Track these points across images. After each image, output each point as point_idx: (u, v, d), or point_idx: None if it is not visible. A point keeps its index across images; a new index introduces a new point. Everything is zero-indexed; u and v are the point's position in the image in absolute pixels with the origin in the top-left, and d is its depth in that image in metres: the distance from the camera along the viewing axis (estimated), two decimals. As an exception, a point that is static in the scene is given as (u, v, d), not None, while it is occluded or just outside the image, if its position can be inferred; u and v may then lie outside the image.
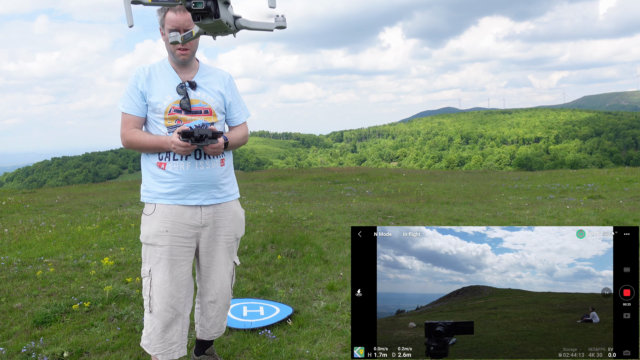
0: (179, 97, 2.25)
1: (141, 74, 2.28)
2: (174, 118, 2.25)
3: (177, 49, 2.22)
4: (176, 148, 2.13)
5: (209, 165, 2.28)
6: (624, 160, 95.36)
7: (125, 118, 2.28)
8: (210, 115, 2.32)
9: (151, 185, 2.30)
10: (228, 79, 2.43)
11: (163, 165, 2.25)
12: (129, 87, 2.28)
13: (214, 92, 2.34)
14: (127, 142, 2.29)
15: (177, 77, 2.29)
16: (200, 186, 2.27)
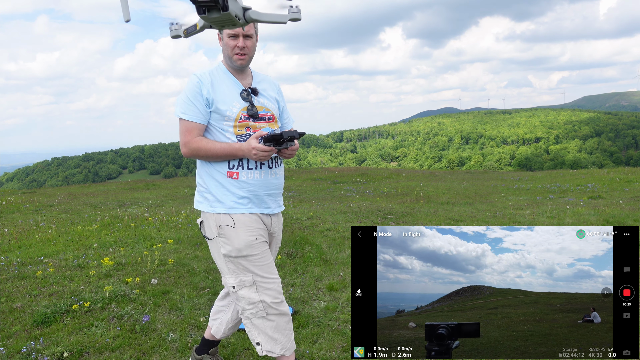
0: (245, 103, 2.21)
1: (204, 79, 2.20)
2: (244, 126, 2.20)
3: (234, 54, 2.19)
4: (258, 154, 2.08)
5: (278, 174, 2.28)
6: (624, 161, 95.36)
7: (188, 126, 2.18)
8: (273, 122, 2.30)
9: (222, 195, 2.21)
10: (278, 86, 2.44)
11: (235, 174, 2.19)
12: (191, 93, 2.18)
13: (272, 99, 2.33)
14: (192, 151, 2.19)
15: (238, 83, 2.25)
16: (272, 194, 2.26)
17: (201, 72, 2.25)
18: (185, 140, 2.20)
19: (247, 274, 2.18)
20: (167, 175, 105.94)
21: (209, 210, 2.24)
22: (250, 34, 2.19)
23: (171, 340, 3.02)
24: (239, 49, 2.18)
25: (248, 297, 2.18)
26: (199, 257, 5.04)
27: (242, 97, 2.22)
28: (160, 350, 2.91)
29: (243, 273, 2.18)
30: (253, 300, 2.18)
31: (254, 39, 2.23)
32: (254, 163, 2.21)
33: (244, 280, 2.18)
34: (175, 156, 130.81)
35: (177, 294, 3.84)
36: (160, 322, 3.31)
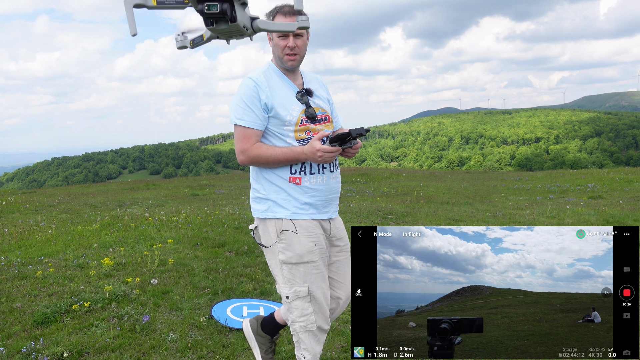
0: (302, 106, 2.14)
1: (261, 83, 2.10)
2: (305, 129, 2.12)
3: (285, 55, 2.11)
4: (323, 155, 2.02)
5: (338, 177, 2.24)
6: (624, 161, 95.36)
7: (245, 132, 2.09)
8: (329, 122, 2.24)
9: (283, 200, 2.14)
10: (324, 83, 2.37)
11: (298, 179, 2.12)
12: (248, 98, 2.08)
13: (325, 98, 2.26)
14: (251, 159, 2.11)
15: (292, 84, 2.18)
16: (332, 199, 2.22)
17: (256, 74, 2.14)
18: (243, 148, 2.10)
19: (303, 284, 2.11)
20: (167, 175, 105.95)
21: (268, 216, 2.16)
22: (300, 33, 2.11)
23: (171, 340, 3.02)
24: (289, 49, 2.10)
25: (301, 308, 2.13)
26: (199, 257, 5.04)
27: (298, 99, 2.14)
28: (160, 350, 2.91)
29: (299, 283, 2.12)
30: (306, 312, 2.13)
31: (304, 37, 2.15)
32: (316, 168, 2.14)
33: (299, 291, 2.12)
34: (175, 156, 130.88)
35: (177, 294, 3.85)
36: (160, 322, 3.31)
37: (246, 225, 6.95)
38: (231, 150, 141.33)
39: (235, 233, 6.35)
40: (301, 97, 2.14)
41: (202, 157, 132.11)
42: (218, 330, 3.19)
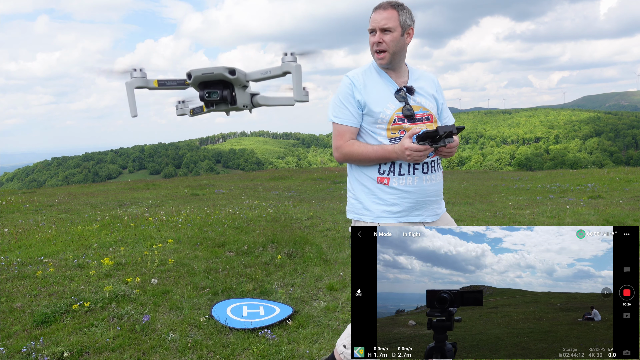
0: (399, 104, 2.06)
1: (357, 81, 2.09)
2: (398, 128, 2.06)
3: (374, 52, 2.06)
4: (411, 154, 1.93)
5: (435, 179, 2.11)
6: (624, 160, 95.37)
7: (340, 129, 2.10)
8: (432, 122, 2.13)
9: (370, 203, 2.10)
10: (437, 82, 2.26)
11: (386, 180, 2.06)
12: (343, 95, 2.09)
13: (430, 97, 2.16)
14: (344, 155, 2.10)
15: (392, 82, 2.11)
16: (426, 202, 2.10)
17: (354, 72, 2.14)
18: (337, 145, 2.12)
19: None
20: (167, 175, 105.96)
21: (356, 219, 2.15)
22: (388, 28, 2.01)
23: (171, 340, 3.02)
24: (376, 46, 2.04)
25: None
26: (199, 257, 5.04)
27: (397, 97, 2.07)
28: (160, 350, 2.91)
29: None
30: None
31: (395, 33, 2.03)
32: (406, 168, 2.06)
33: None
34: (175, 156, 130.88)
35: (177, 294, 3.85)
36: (160, 322, 3.31)
37: (246, 225, 6.95)
38: (231, 150, 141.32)
39: (235, 233, 6.35)
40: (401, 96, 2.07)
41: (202, 157, 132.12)
42: (218, 330, 3.19)
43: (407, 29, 2.07)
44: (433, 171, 2.11)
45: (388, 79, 2.11)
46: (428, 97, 2.15)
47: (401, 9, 2.04)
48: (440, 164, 2.18)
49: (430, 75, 2.25)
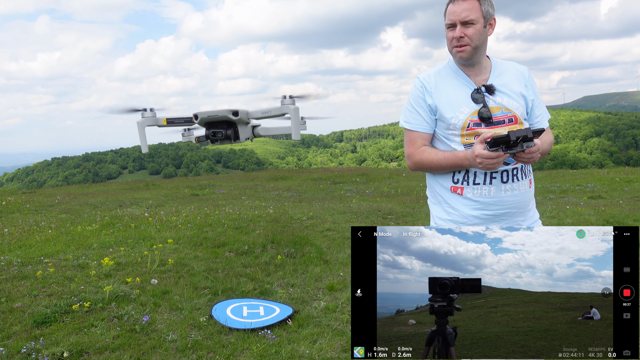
0: (476, 106, 1.87)
1: (428, 83, 1.94)
2: (474, 134, 1.86)
3: (453, 47, 1.86)
4: (483, 162, 1.73)
5: (517, 189, 1.89)
6: (624, 161, 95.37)
7: (412, 136, 1.96)
8: (516, 124, 1.90)
9: (446, 213, 1.98)
10: (527, 75, 1.97)
11: (460, 190, 1.91)
12: (414, 99, 1.95)
13: (516, 95, 1.91)
14: (416, 163, 1.97)
15: (469, 81, 1.91)
16: (506, 214, 1.91)
17: (426, 73, 1.98)
18: (408, 152, 1.98)
19: None
20: (167, 175, 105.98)
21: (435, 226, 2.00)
22: (470, 20, 1.83)
23: (171, 340, 3.02)
24: (456, 41, 1.84)
25: None
26: (199, 257, 5.04)
27: (474, 98, 1.87)
28: (160, 350, 2.91)
29: None
30: None
31: (477, 25, 1.83)
32: (481, 177, 1.88)
33: None
34: (175, 156, 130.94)
35: (177, 294, 3.85)
36: (160, 322, 3.31)
37: (246, 225, 6.95)
38: (231, 150, 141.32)
39: (235, 233, 6.35)
40: (479, 97, 1.87)
41: (202, 157, 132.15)
42: (218, 330, 3.19)
43: (489, 20, 1.88)
44: (515, 180, 1.89)
45: (465, 78, 1.92)
46: (513, 95, 1.90)
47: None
48: (526, 171, 1.95)
49: (518, 68, 1.98)
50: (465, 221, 1.93)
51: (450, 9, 1.86)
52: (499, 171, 1.86)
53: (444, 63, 1.99)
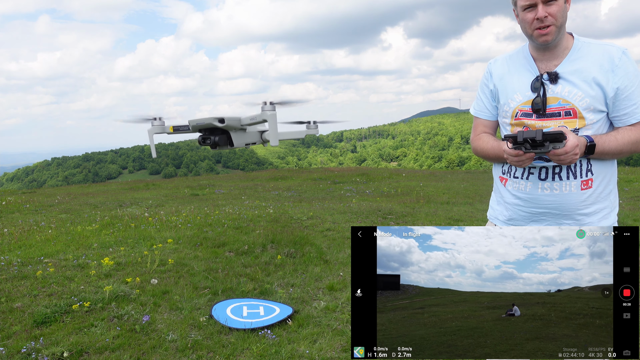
0: (532, 95, 1.74)
1: (494, 68, 1.86)
2: (521, 124, 1.78)
3: (534, 29, 1.68)
4: (508, 158, 1.68)
5: (558, 189, 1.73)
6: (624, 160, 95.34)
7: (475, 122, 1.96)
8: (575, 118, 1.70)
9: (494, 202, 1.97)
10: (618, 58, 1.68)
11: (504, 181, 1.87)
12: (480, 85, 1.92)
13: (587, 83, 1.68)
14: (474, 149, 1.96)
15: (534, 66, 1.77)
16: (545, 214, 1.79)
17: (496, 58, 1.90)
18: (471, 138, 1.98)
19: None
20: (167, 175, 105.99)
21: (487, 217, 2.03)
22: None
23: (171, 340, 3.02)
24: (539, 22, 1.66)
25: None
26: (199, 257, 5.04)
27: (533, 86, 1.74)
28: (160, 350, 2.91)
29: None
30: None
31: (560, 1, 1.66)
32: (520, 171, 1.80)
33: None
34: (175, 156, 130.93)
35: (177, 294, 3.85)
36: (160, 322, 3.31)
37: (246, 225, 6.95)
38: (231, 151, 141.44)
39: (235, 233, 6.35)
40: (537, 83, 1.73)
41: (202, 157, 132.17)
42: (218, 330, 3.19)
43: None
44: (556, 178, 1.73)
45: (531, 63, 1.78)
46: (581, 85, 1.69)
47: None
48: (584, 171, 1.73)
49: (608, 49, 1.70)
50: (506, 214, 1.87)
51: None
52: (537, 167, 1.75)
53: (519, 47, 1.86)
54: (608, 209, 1.80)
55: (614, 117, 1.74)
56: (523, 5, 1.68)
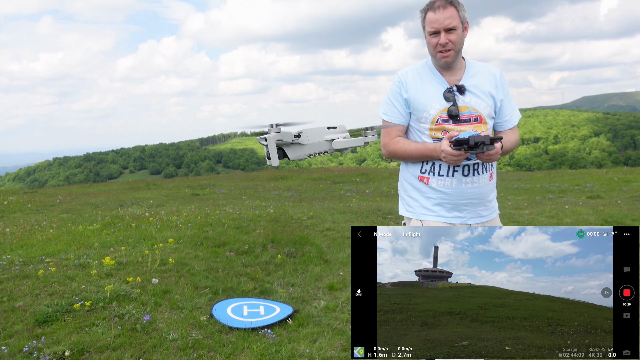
0: (446, 104, 2.03)
1: (405, 79, 2.11)
2: (441, 129, 2.04)
3: (437, 52, 2.01)
4: (446, 157, 1.93)
5: (477, 182, 2.06)
6: (623, 161, 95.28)
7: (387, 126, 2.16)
8: (480, 123, 2.06)
9: (413, 200, 2.16)
10: (499, 76, 2.13)
11: (426, 179, 2.10)
12: (392, 93, 2.13)
13: (485, 95, 2.07)
14: (390, 152, 2.16)
15: (443, 80, 2.08)
16: (467, 204, 2.08)
17: (405, 70, 2.15)
18: (383, 142, 2.17)
19: None
20: (168, 175, 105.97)
21: (404, 214, 2.21)
22: (453, 27, 1.98)
23: (172, 340, 3.03)
24: (441, 47, 2.00)
25: None
26: (200, 257, 5.05)
27: (445, 96, 2.04)
28: (161, 349, 2.92)
29: None
30: None
31: (459, 30, 2.00)
32: (445, 169, 2.06)
33: None
34: (176, 156, 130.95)
35: (178, 293, 3.85)
36: (161, 321, 3.32)
37: (246, 225, 6.96)
38: (231, 150, 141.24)
39: (236, 233, 6.35)
40: (449, 94, 2.03)
41: (202, 157, 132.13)
42: (218, 329, 3.20)
43: (464, 24, 2.05)
44: (475, 174, 2.05)
45: (439, 78, 2.08)
46: (482, 96, 2.07)
47: (458, 5, 2.01)
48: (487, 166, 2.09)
49: (491, 69, 2.14)
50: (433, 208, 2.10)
51: (432, 17, 1.99)
52: (461, 165, 2.03)
53: (423, 62, 2.15)
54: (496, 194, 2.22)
55: (497, 122, 2.18)
56: (429, 32, 2.01)
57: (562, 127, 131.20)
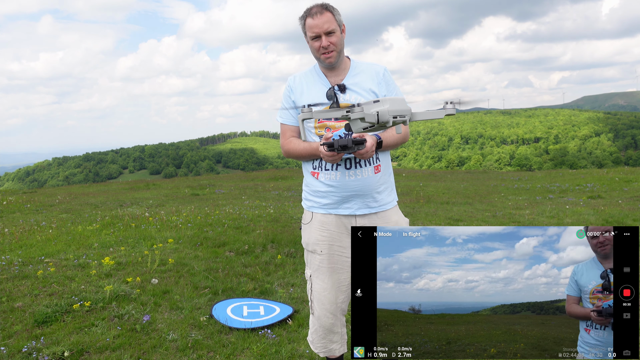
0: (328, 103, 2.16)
1: (293, 82, 2.26)
2: (324, 126, 2.18)
3: (321, 54, 2.15)
4: (324, 157, 2.05)
5: (360, 175, 2.16)
6: (623, 161, 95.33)
7: (283, 128, 2.29)
8: None
9: (308, 193, 2.29)
10: (382, 74, 2.25)
11: (316, 175, 2.22)
12: (283, 97, 2.29)
13: (365, 92, 2.19)
14: (286, 152, 2.29)
15: (326, 81, 2.22)
16: (353, 196, 2.18)
17: (294, 75, 2.30)
18: (281, 143, 2.32)
19: (308, 269, 2.34)
20: (168, 175, 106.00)
21: (303, 206, 2.36)
22: (331, 30, 2.12)
23: (171, 340, 3.03)
24: (324, 49, 2.13)
25: (308, 290, 2.34)
26: (199, 257, 5.05)
27: (327, 95, 2.17)
28: (160, 349, 2.92)
29: (307, 267, 2.35)
30: (310, 296, 2.32)
31: (337, 32, 2.15)
32: (330, 164, 2.17)
33: (306, 274, 2.36)
34: (176, 156, 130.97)
35: (178, 294, 3.85)
36: (160, 322, 3.32)
37: (246, 225, 6.96)
38: (231, 150, 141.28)
39: (236, 233, 6.35)
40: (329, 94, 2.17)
41: (202, 157, 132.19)
42: (218, 329, 3.20)
43: (341, 26, 2.19)
44: (358, 167, 2.16)
45: (323, 78, 2.22)
46: (362, 93, 2.19)
47: (333, 9, 2.15)
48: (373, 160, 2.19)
49: (374, 68, 2.26)
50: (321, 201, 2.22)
51: (311, 23, 2.12)
52: (344, 159, 2.15)
53: (311, 67, 2.30)
54: (390, 186, 2.30)
55: None
56: (311, 36, 2.14)
57: (563, 126, 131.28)
